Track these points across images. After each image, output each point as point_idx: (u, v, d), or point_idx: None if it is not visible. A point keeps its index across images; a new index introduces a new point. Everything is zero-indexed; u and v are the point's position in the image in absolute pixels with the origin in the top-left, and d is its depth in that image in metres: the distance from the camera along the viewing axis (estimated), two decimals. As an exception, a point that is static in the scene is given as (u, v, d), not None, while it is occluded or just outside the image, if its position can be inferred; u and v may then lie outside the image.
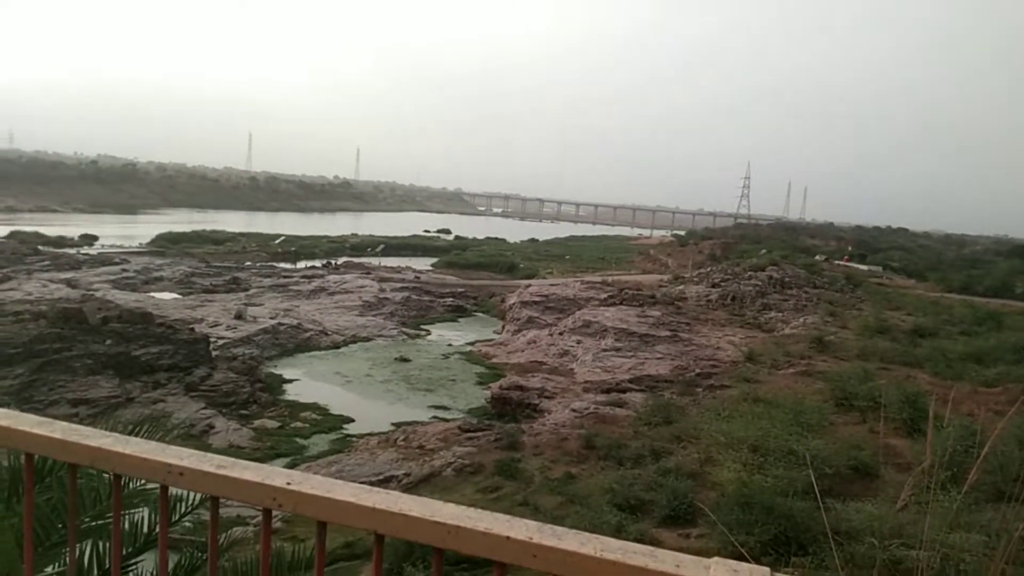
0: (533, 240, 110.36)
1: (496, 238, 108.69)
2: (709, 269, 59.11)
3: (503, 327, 47.49)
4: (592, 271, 68.46)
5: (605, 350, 37.05)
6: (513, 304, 49.07)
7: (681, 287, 52.99)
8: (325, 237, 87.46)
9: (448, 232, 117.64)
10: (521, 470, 21.68)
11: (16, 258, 53.80)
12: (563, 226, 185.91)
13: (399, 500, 1.19)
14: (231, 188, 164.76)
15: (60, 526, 4.02)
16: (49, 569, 3.87)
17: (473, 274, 67.85)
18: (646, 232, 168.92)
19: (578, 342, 39.02)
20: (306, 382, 33.78)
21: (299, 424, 28.10)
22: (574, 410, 27.52)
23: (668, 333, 39.05)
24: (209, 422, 26.68)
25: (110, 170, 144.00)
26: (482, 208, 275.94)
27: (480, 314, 53.58)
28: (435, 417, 29.45)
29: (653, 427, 24.55)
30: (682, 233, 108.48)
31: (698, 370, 33.61)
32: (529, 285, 54.37)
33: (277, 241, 78.78)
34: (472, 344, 42.91)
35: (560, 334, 40.90)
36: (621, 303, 44.86)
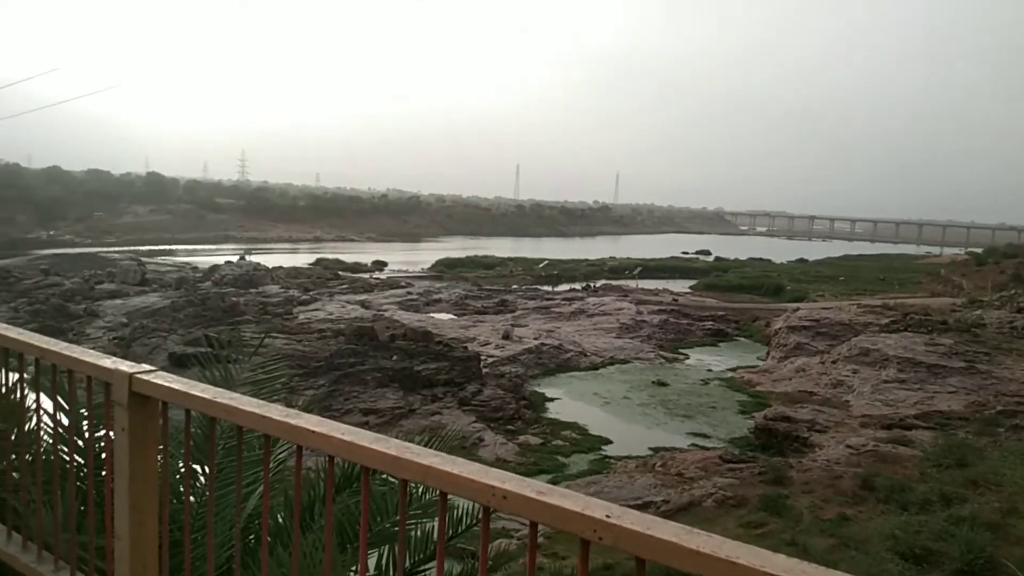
0: (801, 260, 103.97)
1: (760, 259, 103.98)
2: (1013, 292, 51.77)
3: (768, 353, 45.18)
4: (870, 294, 62.76)
5: (886, 381, 33.81)
6: (779, 329, 46.52)
7: (979, 312, 46.85)
8: (585, 260, 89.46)
9: (707, 253, 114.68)
10: (788, 507, 20.41)
11: (320, 282, 61.48)
12: (836, 245, 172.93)
13: (724, 545, 1.21)
14: (500, 216, 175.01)
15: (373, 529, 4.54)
16: (353, 568, 4.31)
17: (734, 297, 65.46)
18: (935, 250, 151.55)
19: (854, 372, 36.00)
20: (566, 401, 34.66)
21: (560, 442, 28.89)
22: (849, 446, 25.40)
23: (963, 364, 34.69)
24: (479, 435, 28.32)
25: (397, 203, 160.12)
26: (744, 227, 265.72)
27: (742, 339, 51.49)
28: (694, 444, 28.75)
29: (943, 469, 21.91)
30: (979, 251, 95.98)
31: (1000, 407, 29.50)
32: (797, 309, 51.25)
33: (540, 265, 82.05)
34: (733, 370, 41.35)
35: (833, 362, 38.02)
36: (905, 329, 40.67)
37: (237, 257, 68.30)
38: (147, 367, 2.39)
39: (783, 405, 32.10)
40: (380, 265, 79.02)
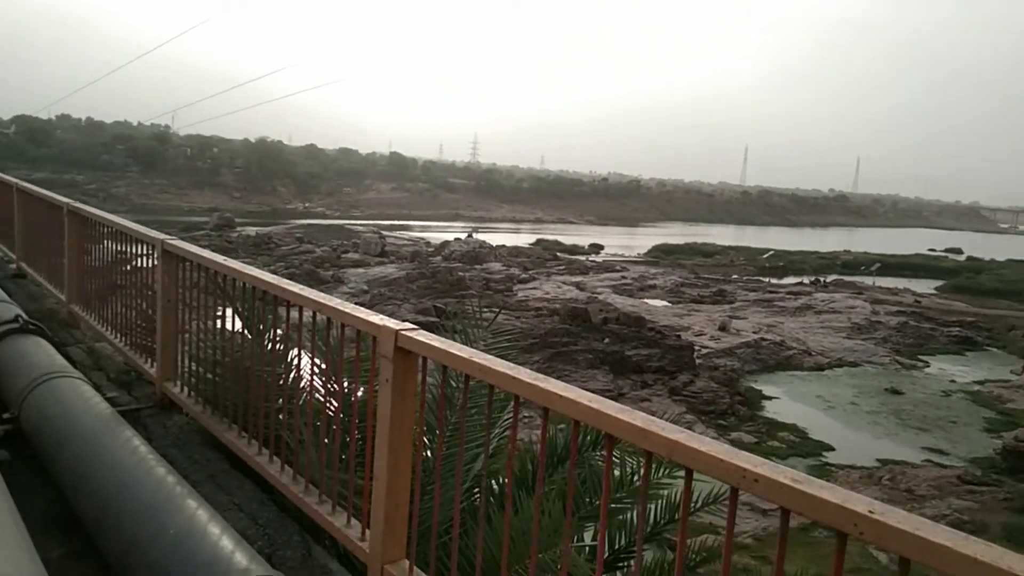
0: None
1: (1021, 261, 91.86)
2: None
3: (1024, 368, 40.01)
4: None
5: None
6: (1043, 342, 40.96)
7: None
8: (815, 253, 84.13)
9: (958, 252, 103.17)
10: (1039, 541, 18.09)
11: (539, 262, 63.08)
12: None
13: (1005, 557, 1.12)
14: (724, 203, 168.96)
15: (587, 500, 4.65)
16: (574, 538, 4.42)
17: (988, 302, 58.45)
18: None
19: None
20: (785, 401, 32.94)
21: (775, 443, 27.58)
22: None
23: None
24: (689, 426, 27.72)
25: (617, 186, 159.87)
26: (1005, 225, 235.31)
27: (994, 349, 45.92)
28: (928, 460, 26.22)
29: None
30: None
31: None
32: (1066, 321, 44.82)
33: (765, 256, 78.36)
34: (981, 383, 37.05)
35: (1109, 385, 32.91)
36: None
37: (465, 235, 71.96)
38: (410, 325, 2.63)
39: (1041, 427, 28.33)
40: (597, 248, 79.52)
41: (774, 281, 64.65)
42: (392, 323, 2.63)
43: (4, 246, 8.85)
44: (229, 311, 4.00)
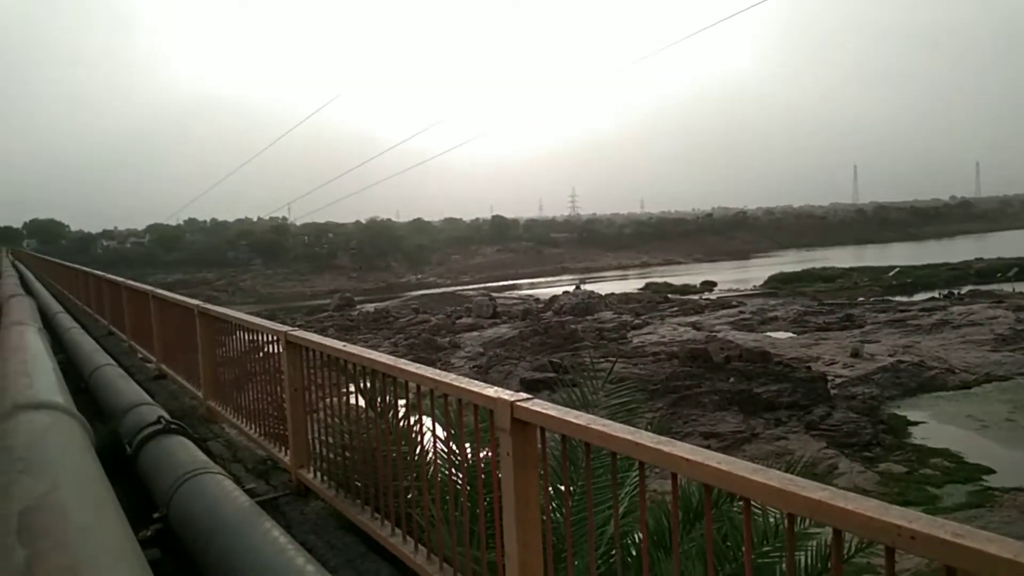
0: None
1: None
2: None
3: None
4: None
5: None
6: None
7: None
8: (944, 265, 79.23)
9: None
10: None
11: (651, 306, 62.19)
12: None
13: None
14: (838, 223, 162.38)
15: (729, 556, 4.43)
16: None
17: None
18: None
19: None
20: (933, 425, 30.71)
21: (929, 471, 25.65)
22: None
23: None
24: (831, 462, 26.26)
25: (723, 220, 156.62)
26: None
27: None
28: (1109, 476, 23.74)
29: None
30: None
31: None
32: None
33: (890, 273, 74.47)
34: None
35: None
36: None
37: (573, 287, 71.99)
38: (525, 395, 2.61)
39: None
40: (709, 285, 77.70)
41: (904, 299, 61.12)
42: (507, 395, 2.63)
43: (146, 350, 9.53)
44: (353, 394, 4.12)
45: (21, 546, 2.51)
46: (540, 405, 2.50)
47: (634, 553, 4.28)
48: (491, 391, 2.73)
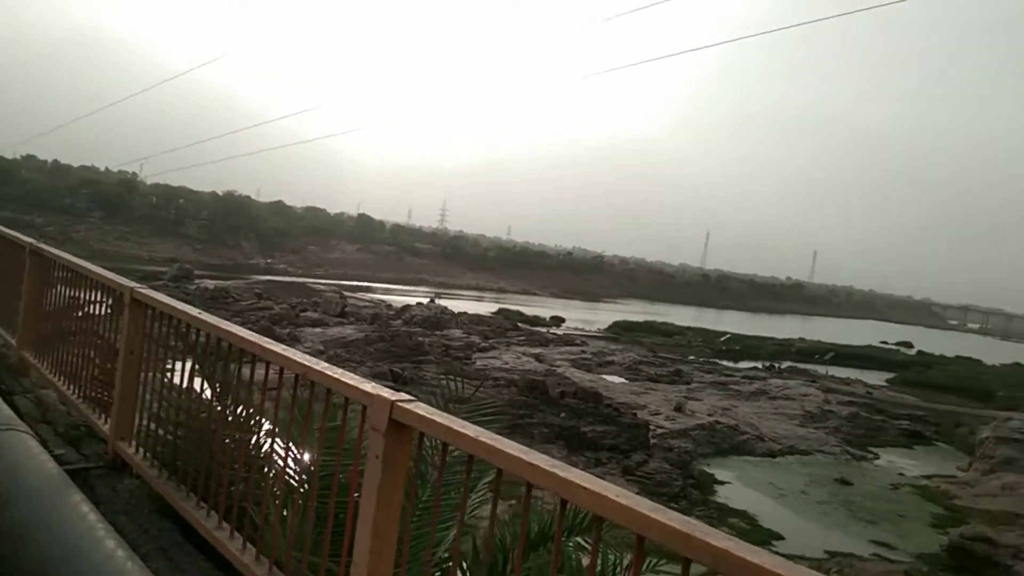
0: (1018, 365, 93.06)
1: (969, 358, 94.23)
2: None
3: (970, 464, 40.45)
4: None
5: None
6: (987, 439, 41.57)
7: None
8: (771, 339, 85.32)
9: (909, 345, 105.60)
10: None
11: (500, 331, 62.90)
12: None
13: None
14: (684, 284, 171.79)
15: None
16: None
17: (937, 397, 59.56)
18: None
19: (1080, 500, 31.39)
20: (737, 487, 32.71)
21: (725, 529, 27.24)
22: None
23: None
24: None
25: (581, 261, 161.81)
26: (954, 322, 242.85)
27: (941, 444, 46.55)
28: (876, 554, 26.06)
29: None
30: None
31: None
32: (1010, 419, 45.65)
33: (722, 339, 79.26)
34: (928, 478, 37.34)
35: (1053, 486, 33.39)
36: None
37: (428, 299, 71.64)
38: (407, 396, 2.43)
39: (984, 524, 28.49)
40: (558, 321, 79.68)
41: (730, 364, 65.18)
42: (387, 392, 2.44)
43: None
44: (197, 369, 3.75)
45: None
46: (424, 409, 2.33)
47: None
48: (368, 386, 2.53)
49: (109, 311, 4.66)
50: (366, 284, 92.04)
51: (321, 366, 2.83)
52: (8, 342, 6.36)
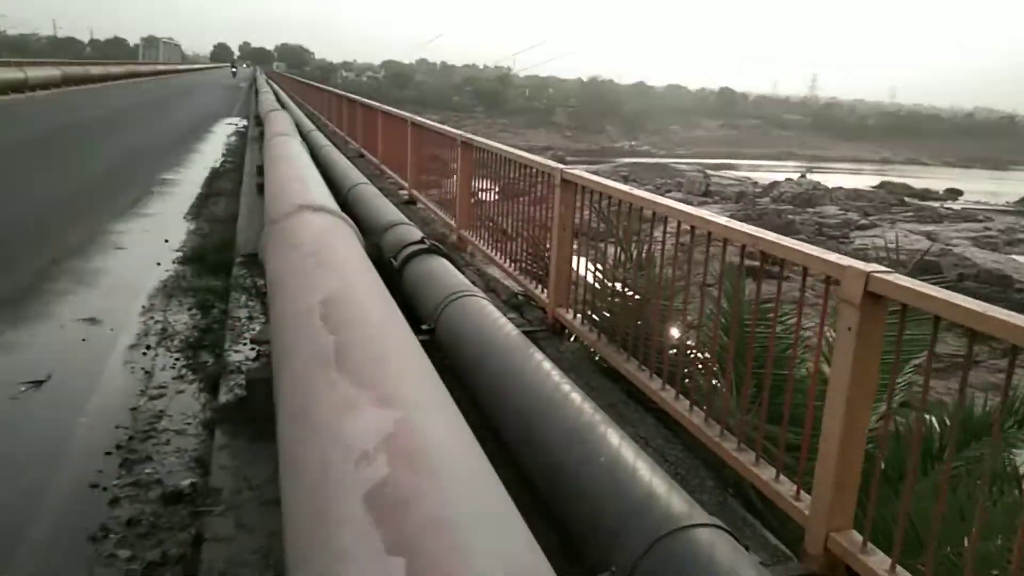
0: None
1: None
2: None
3: None
4: None
5: None
6: None
7: None
8: None
9: None
10: None
11: (883, 207, 56.96)
12: None
13: None
14: None
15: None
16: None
17: None
18: None
19: None
20: None
21: None
22: None
23: None
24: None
25: (985, 123, 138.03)
26: None
27: None
28: None
29: None
30: None
31: None
32: None
33: None
34: None
35: None
36: None
37: (797, 175, 67.39)
38: (883, 268, 2.29)
39: None
40: (954, 193, 69.66)
41: None
42: (860, 264, 2.31)
43: (397, 175, 9.93)
44: (624, 240, 3.94)
45: (329, 332, 2.61)
46: (906, 280, 2.18)
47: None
48: (833, 257, 2.43)
49: (535, 192, 5.09)
50: (729, 161, 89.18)
51: (771, 236, 2.78)
52: (448, 224, 7.37)
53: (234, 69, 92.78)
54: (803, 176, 65.93)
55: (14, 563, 2.97)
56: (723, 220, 3.07)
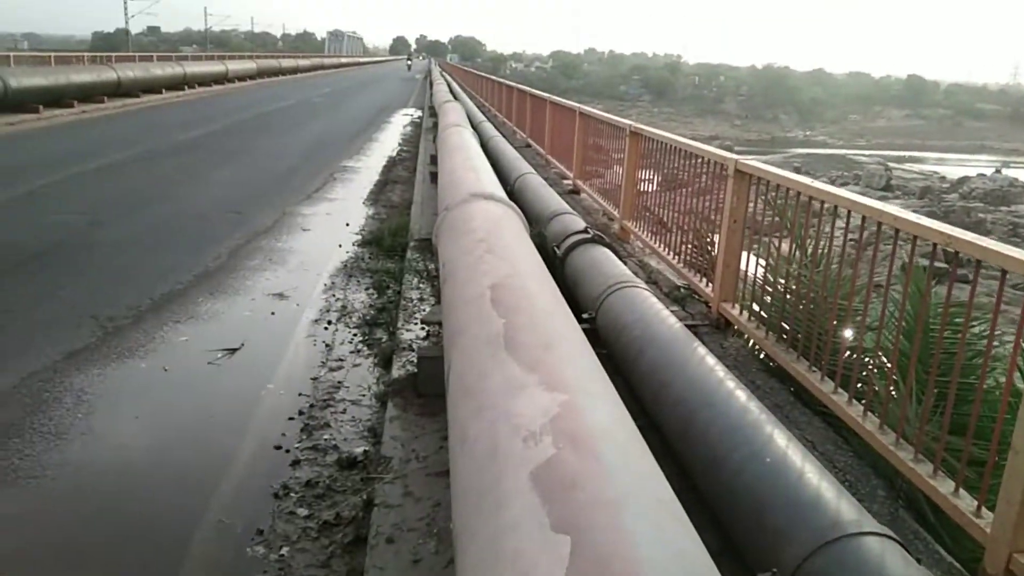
0: None
1: None
2: None
3: None
4: None
5: None
6: None
7: None
8: None
9: None
10: None
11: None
12: None
13: None
14: None
15: None
16: None
17: None
18: None
19: None
20: None
21: None
22: None
23: None
24: None
25: None
26: None
27: None
28: None
29: None
30: None
31: None
32: None
33: None
34: None
35: None
36: None
37: (991, 170, 61.39)
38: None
39: None
40: None
41: None
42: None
43: (562, 165, 10.03)
44: (800, 235, 3.78)
45: (499, 316, 2.69)
46: None
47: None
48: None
49: (698, 183, 4.99)
50: (914, 154, 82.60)
51: (968, 235, 2.58)
52: (612, 214, 7.36)
53: (409, 62, 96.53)
54: (998, 171, 59.94)
55: (205, 519, 3.27)
56: (912, 216, 2.88)
